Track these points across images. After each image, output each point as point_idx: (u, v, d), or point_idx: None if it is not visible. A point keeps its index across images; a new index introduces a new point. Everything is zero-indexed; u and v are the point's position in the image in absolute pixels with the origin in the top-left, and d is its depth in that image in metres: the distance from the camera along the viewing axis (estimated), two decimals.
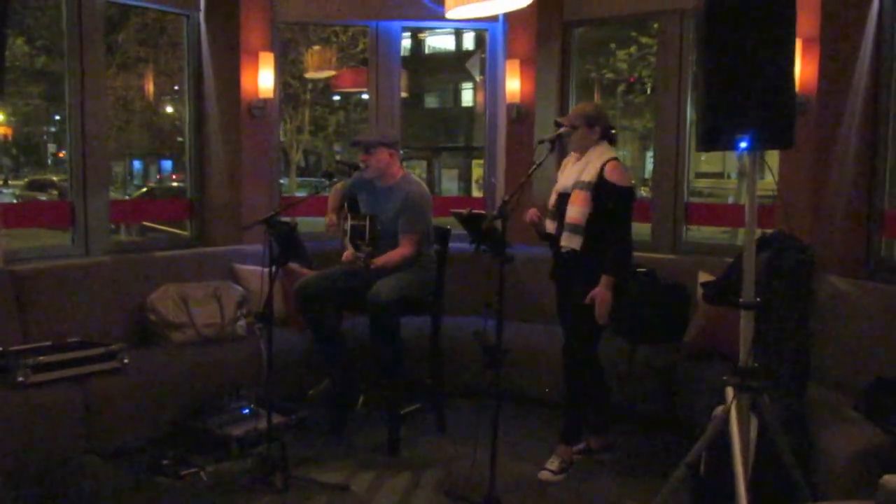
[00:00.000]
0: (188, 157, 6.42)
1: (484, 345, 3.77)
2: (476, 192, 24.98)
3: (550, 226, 4.42)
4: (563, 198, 4.33)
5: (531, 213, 4.45)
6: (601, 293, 4.16)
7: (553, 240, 4.41)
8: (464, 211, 3.94)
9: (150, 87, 18.33)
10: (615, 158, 4.27)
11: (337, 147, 26.98)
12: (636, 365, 4.82)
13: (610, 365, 4.60)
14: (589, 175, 4.21)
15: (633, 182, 4.32)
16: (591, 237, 4.19)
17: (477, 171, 27.03)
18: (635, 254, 4.38)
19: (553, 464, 4.36)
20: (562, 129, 4.28)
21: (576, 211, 4.20)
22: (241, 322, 5.26)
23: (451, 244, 5.06)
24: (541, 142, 4.20)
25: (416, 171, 26.83)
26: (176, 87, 17.10)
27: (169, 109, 20.26)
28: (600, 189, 4.18)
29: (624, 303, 4.22)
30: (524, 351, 5.18)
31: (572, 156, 4.46)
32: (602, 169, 4.20)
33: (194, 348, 4.98)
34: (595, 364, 4.39)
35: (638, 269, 4.48)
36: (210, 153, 6.34)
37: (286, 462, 4.19)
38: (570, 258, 4.26)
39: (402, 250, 4.80)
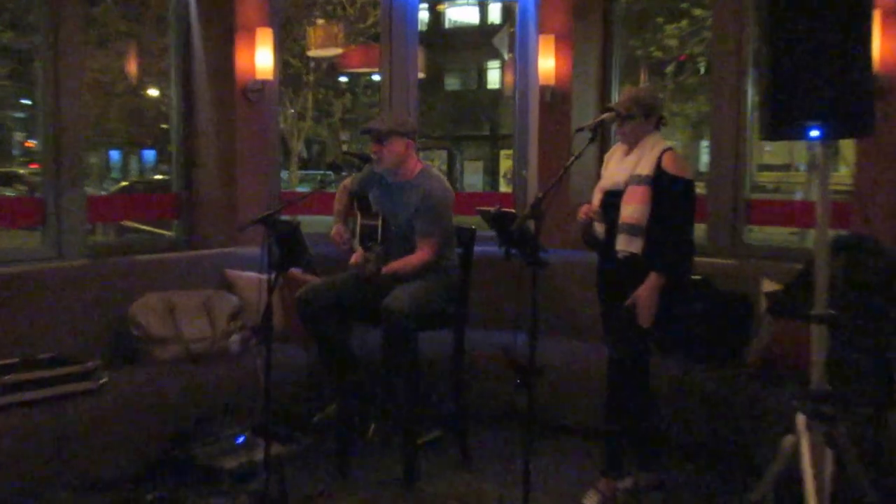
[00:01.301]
0: (174, 146, 6.45)
1: (514, 363, 3.76)
2: (504, 188, 24.99)
3: (598, 229, 4.40)
4: (612, 196, 4.30)
5: (585, 210, 4.42)
6: (645, 293, 4.13)
7: (601, 244, 4.38)
8: (491, 209, 3.93)
9: (131, 67, 18.46)
10: (671, 148, 4.25)
11: (344, 135, 27.06)
12: (691, 389, 4.79)
13: (661, 388, 4.57)
14: (646, 168, 4.19)
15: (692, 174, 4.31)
16: (650, 239, 4.17)
17: (505, 163, 27.03)
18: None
19: (591, 499, 4.34)
20: (604, 116, 4.26)
21: (634, 209, 4.17)
22: (236, 336, 5.27)
23: (476, 247, 5.05)
24: (579, 130, 4.18)
25: (435, 164, 26.84)
26: (161, 68, 17.19)
27: (153, 93, 20.38)
28: (659, 183, 4.16)
29: (677, 316, 4.19)
30: (561, 371, 5.17)
31: (618, 148, 4.45)
32: (659, 159, 4.19)
33: (181, 366, 4.98)
34: (644, 387, 4.36)
35: (693, 277, 4.45)
36: (200, 142, 6.36)
37: (286, 498, 4.19)
38: (628, 264, 4.23)
39: (421, 255, 4.80)
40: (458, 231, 5.04)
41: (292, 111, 22.97)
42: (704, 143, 20.17)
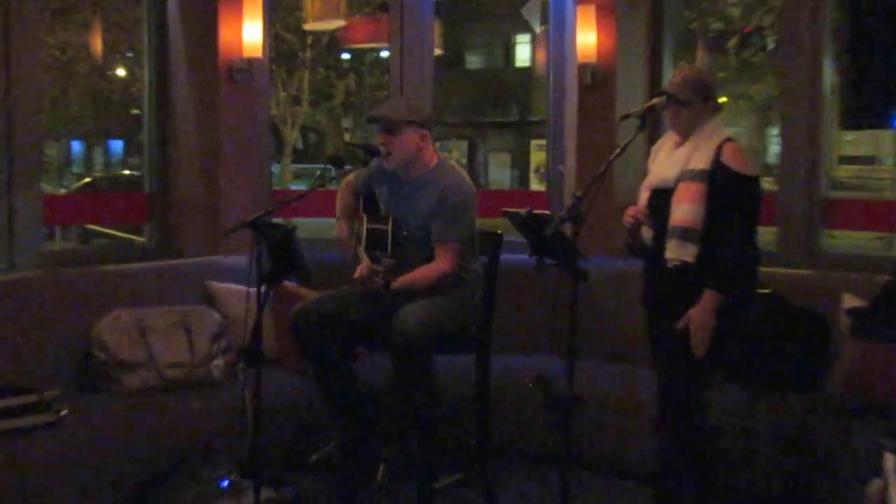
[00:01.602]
0: (146, 136, 6.47)
1: (548, 393, 3.76)
2: (536, 185, 25.00)
3: (645, 234, 4.39)
4: (661, 195, 4.29)
5: (632, 213, 4.40)
6: (699, 315, 4.11)
7: (649, 252, 4.37)
8: (521, 211, 3.94)
9: (96, 43, 18.50)
10: (732, 138, 4.23)
11: (346, 123, 27.12)
12: (758, 422, 4.78)
13: (721, 424, 4.56)
14: (701, 161, 4.16)
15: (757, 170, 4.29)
16: (706, 245, 4.15)
17: (537, 155, 27.04)
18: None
19: None
20: (655, 101, 4.25)
21: (687, 210, 4.14)
22: (219, 361, 5.28)
23: (502, 255, 5.06)
24: (626, 117, 4.18)
25: (454, 156, 26.89)
26: (132, 44, 17.25)
27: (121, 73, 20.46)
28: (716, 179, 4.14)
29: (740, 338, 4.18)
30: (603, 401, 5.17)
31: (668, 138, 4.43)
32: (718, 151, 4.17)
33: (155, 396, 5.00)
34: (701, 420, 4.35)
35: (759, 291, 4.44)
36: (176, 131, 6.38)
37: None
38: (680, 275, 4.21)
39: (439, 265, 4.80)
40: (482, 236, 5.05)
41: (286, 94, 23.06)
42: (773, 132, 20.15)
